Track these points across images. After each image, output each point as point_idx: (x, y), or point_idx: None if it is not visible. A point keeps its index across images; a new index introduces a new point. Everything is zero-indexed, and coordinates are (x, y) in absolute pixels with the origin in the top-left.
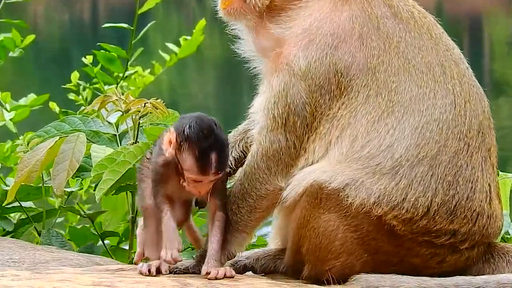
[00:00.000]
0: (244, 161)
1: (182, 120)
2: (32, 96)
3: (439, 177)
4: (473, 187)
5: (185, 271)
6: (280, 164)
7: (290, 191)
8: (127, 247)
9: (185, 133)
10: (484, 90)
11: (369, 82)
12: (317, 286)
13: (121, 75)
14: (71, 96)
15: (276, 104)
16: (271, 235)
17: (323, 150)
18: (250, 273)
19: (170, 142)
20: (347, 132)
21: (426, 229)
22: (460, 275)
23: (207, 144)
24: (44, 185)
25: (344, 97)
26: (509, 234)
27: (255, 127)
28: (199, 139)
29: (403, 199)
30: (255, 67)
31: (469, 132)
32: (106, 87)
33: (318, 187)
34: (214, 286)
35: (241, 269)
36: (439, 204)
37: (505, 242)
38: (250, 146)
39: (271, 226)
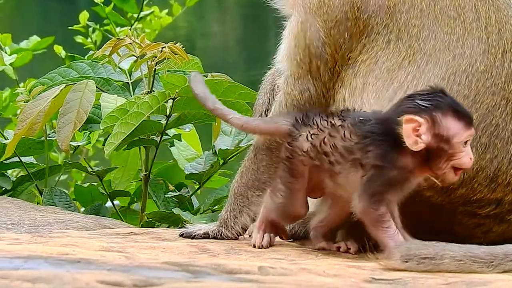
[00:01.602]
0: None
1: (403, 105)
2: (35, 38)
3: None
4: None
5: (205, 236)
6: None
7: None
8: (139, 209)
9: (427, 105)
10: None
11: (389, 24)
12: (350, 254)
13: (135, 15)
14: (79, 39)
15: (297, 48)
16: None
17: (352, 100)
18: (277, 238)
19: (417, 129)
20: (370, 80)
21: (465, 199)
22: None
23: (450, 99)
24: (47, 138)
25: (365, 38)
26: None
27: (280, 77)
28: (442, 98)
29: None
30: (280, 7)
31: (508, 86)
32: (118, 29)
33: None
34: (237, 253)
35: None
36: (475, 170)
37: None
38: None
39: None
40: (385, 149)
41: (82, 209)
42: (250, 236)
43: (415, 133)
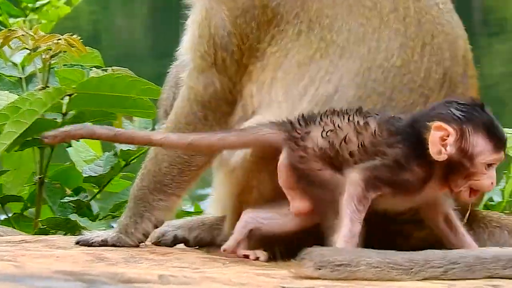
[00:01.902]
0: None
1: (439, 109)
2: None
3: None
4: None
5: (103, 244)
6: (218, 112)
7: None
8: (33, 215)
9: (460, 116)
10: (466, 31)
11: (300, 13)
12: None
13: (30, 5)
14: None
15: (202, 38)
16: (209, 200)
17: (260, 97)
18: (182, 245)
19: (444, 138)
20: (279, 74)
21: None
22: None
23: (488, 117)
24: None
25: (274, 28)
26: (493, 201)
27: (184, 70)
28: (479, 114)
29: None
30: None
31: (428, 82)
32: (11, 20)
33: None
34: (137, 261)
35: (171, 241)
36: None
37: (488, 210)
38: None
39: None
40: (411, 150)
41: None
42: (152, 243)
43: (441, 142)
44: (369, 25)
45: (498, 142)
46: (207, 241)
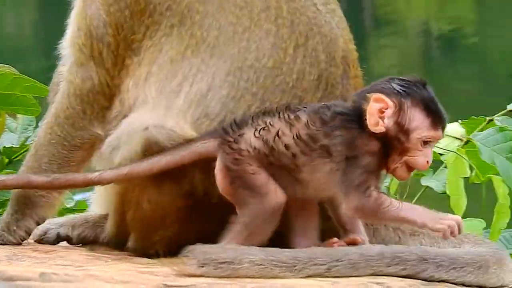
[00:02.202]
0: None
1: (378, 85)
2: None
3: None
4: None
5: None
6: (96, 106)
7: (113, 144)
8: None
9: (400, 90)
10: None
11: (172, 5)
12: (144, 259)
13: None
14: None
15: (80, 31)
16: (93, 198)
17: (136, 92)
18: (65, 243)
19: (382, 110)
20: (154, 69)
21: None
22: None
23: (428, 94)
24: None
25: (148, 18)
26: None
27: (65, 65)
28: (420, 90)
29: None
30: None
31: (301, 83)
32: None
33: (149, 143)
34: (19, 259)
35: (54, 239)
36: None
37: None
38: None
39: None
40: (354, 133)
41: None
42: (34, 241)
43: (379, 114)
44: (239, 24)
45: (436, 119)
46: (90, 239)
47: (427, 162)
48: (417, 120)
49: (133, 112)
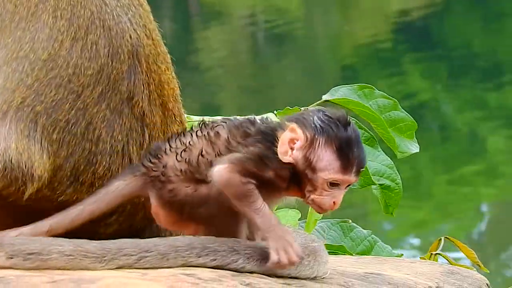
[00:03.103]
0: None
1: (302, 115)
2: None
3: (43, 133)
4: (93, 148)
5: None
6: None
7: None
8: None
9: (317, 125)
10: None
11: None
12: None
13: None
14: None
15: None
16: None
17: None
18: None
19: (294, 141)
20: None
21: (52, 202)
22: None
23: (346, 135)
24: None
25: None
26: None
27: None
28: (337, 129)
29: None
30: None
31: (78, 78)
32: None
33: None
34: None
35: None
36: (53, 169)
37: None
38: None
39: None
40: (270, 152)
41: None
42: None
43: (290, 144)
44: (17, 12)
45: (347, 163)
46: None
47: (334, 203)
48: (325, 160)
49: None
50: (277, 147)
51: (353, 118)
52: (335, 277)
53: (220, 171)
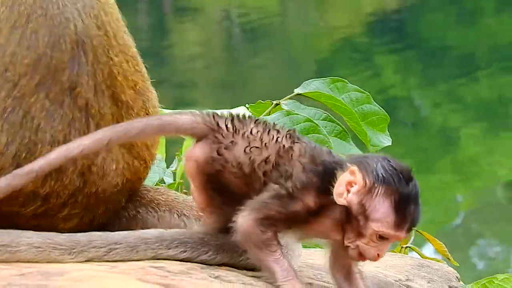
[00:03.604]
0: None
1: (365, 159)
2: None
3: None
4: (33, 137)
5: None
6: None
7: None
8: None
9: (379, 174)
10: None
11: None
12: None
13: None
14: None
15: None
16: None
17: None
18: None
19: (352, 184)
20: None
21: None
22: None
23: (407, 190)
24: None
25: None
26: (164, 182)
27: None
28: (399, 183)
29: None
30: None
31: (15, 67)
32: None
33: None
34: None
35: None
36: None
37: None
38: None
39: None
40: (317, 181)
41: None
42: None
43: (347, 187)
44: None
45: (402, 220)
46: None
47: (378, 255)
48: (381, 212)
49: None
50: (328, 181)
51: (325, 112)
52: (304, 270)
53: (242, 221)
